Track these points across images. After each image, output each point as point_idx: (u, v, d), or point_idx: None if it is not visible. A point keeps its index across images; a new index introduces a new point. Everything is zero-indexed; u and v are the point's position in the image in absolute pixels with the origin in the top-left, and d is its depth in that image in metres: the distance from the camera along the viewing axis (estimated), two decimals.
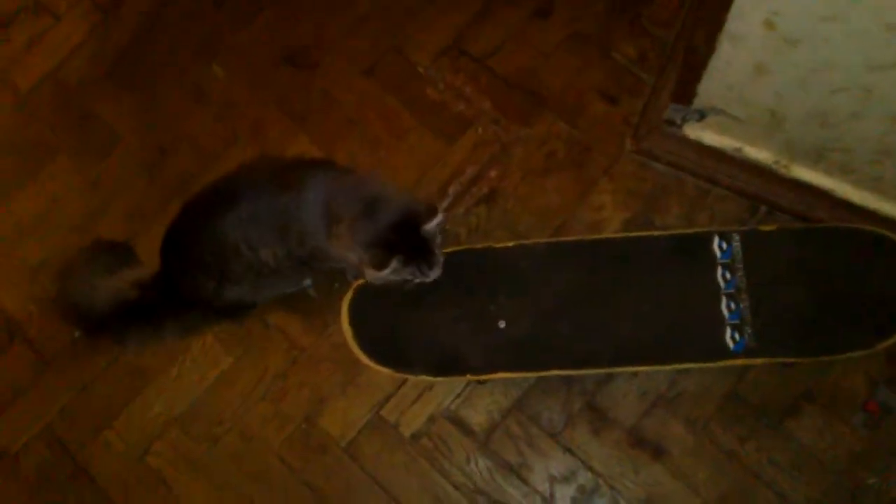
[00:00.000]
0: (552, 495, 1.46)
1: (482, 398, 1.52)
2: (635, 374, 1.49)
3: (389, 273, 1.23)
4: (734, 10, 1.17)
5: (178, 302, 1.47)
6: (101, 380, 1.62)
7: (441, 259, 1.30)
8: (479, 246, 1.50)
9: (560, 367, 1.43)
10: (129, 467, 1.56)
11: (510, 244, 1.48)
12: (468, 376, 1.44)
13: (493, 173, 1.66)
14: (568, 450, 1.48)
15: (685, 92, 1.47)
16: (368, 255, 1.23)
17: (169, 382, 1.60)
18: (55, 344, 1.65)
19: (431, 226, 1.25)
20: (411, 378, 1.50)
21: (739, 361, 1.40)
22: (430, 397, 1.53)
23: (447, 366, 1.45)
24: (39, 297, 1.68)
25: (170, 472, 1.56)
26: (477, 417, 1.52)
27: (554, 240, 1.52)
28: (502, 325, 1.45)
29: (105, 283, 1.49)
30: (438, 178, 1.67)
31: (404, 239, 1.24)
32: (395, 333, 1.47)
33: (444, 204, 1.65)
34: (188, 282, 1.40)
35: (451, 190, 1.66)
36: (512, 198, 1.64)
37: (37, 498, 1.57)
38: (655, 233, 1.50)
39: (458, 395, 1.53)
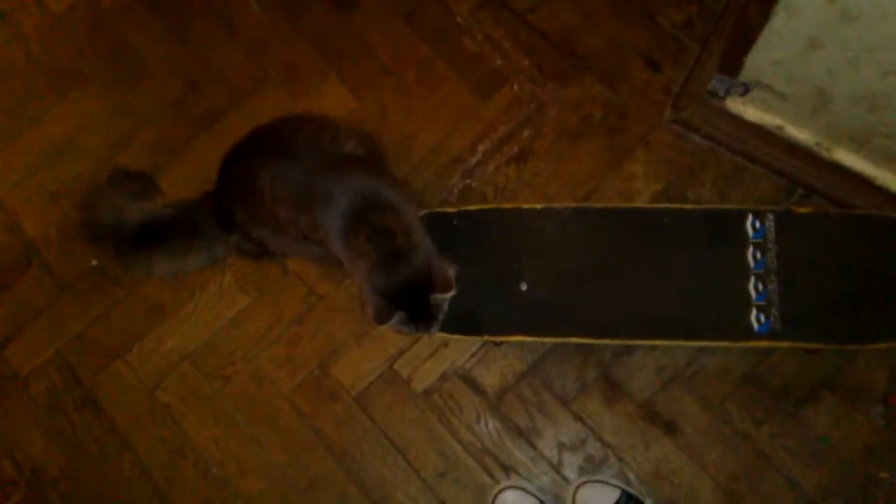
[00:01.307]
0: (560, 462, 1.45)
1: (496, 360, 1.51)
2: (654, 348, 1.47)
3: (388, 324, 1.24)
4: None
5: (211, 227, 1.45)
6: (116, 310, 1.61)
7: (440, 321, 1.29)
8: (506, 206, 1.47)
9: (579, 335, 1.40)
10: (139, 399, 1.57)
11: (538, 206, 1.45)
12: (485, 336, 1.42)
13: (525, 133, 1.62)
14: (579, 418, 1.47)
15: (732, 63, 1.42)
16: (373, 301, 1.23)
17: (184, 318, 1.60)
18: (73, 271, 1.65)
19: (442, 297, 1.24)
20: (425, 335, 1.48)
21: (763, 343, 1.37)
22: (445, 355, 1.52)
23: (464, 324, 1.43)
24: (60, 222, 1.67)
25: (179, 407, 1.56)
26: (490, 378, 1.50)
27: (582, 205, 1.49)
28: (524, 287, 1.42)
29: (133, 205, 1.48)
30: (469, 134, 1.63)
31: (413, 298, 1.23)
32: None
33: (473, 161, 1.61)
34: (227, 205, 1.39)
35: (482, 147, 1.62)
36: (543, 160, 1.60)
37: (44, 422, 1.58)
38: (687, 206, 1.47)
39: (473, 355, 1.51)
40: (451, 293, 1.25)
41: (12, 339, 1.63)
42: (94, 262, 1.63)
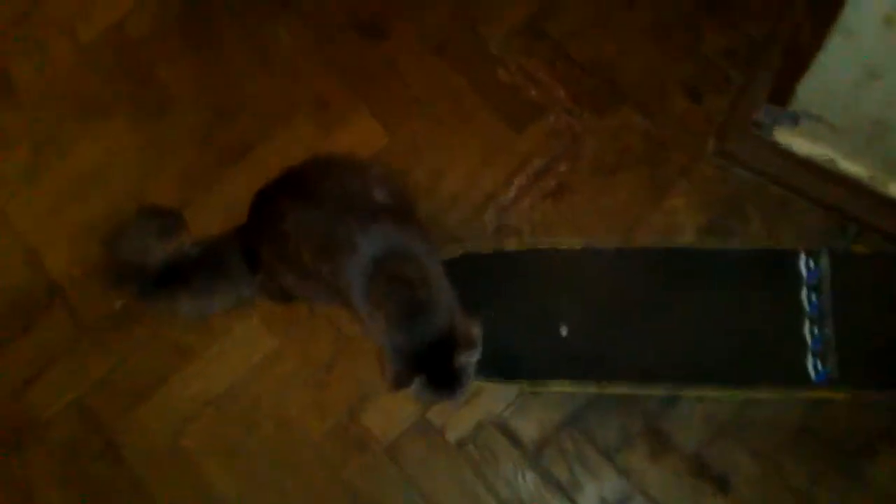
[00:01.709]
0: None
1: (534, 409, 1.43)
2: (701, 398, 1.38)
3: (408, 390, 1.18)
4: (851, 1, 1.05)
5: (238, 266, 1.41)
6: (139, 353, 1.56)
7: (467, 387, 1.22)
8: (544, 247, 1.40)
9: (622, 383, 1.33)
10: (161, 448, 1.50)
11: (577, 247, 1.39)
12: (522, 383, 1.35)
13: (562, 167, 1.55)
14: (623, 473, 1.38)
15: (782, 92, 1.35)
16: (392, 364, 1.18)
17: (209, 362, 1.54)
18: (95, 311, 1.60)
19: (465, 358, 1.17)
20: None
21: (821, 393, 1.29)
22: (480, 403, 1.44)
23: (501, 370, 1.36)
24: (84, 261, 1.62)
25: (202, 456, 1.49)
26: (528, 429, 1.42)
27: (624, 246, 1.41)
28: (564, 332, 1.35)
29: (159, 244, 1.44)
30: (503, 168, 1.57)
31: (433, 359, 1.17)
32: None
33: (508, 196, 1.55)
34: (254, 245, 1.36)
35: (517, 181, 1.56)
36: (580, 194, 1.53)
37: (62, 471, 1.52)
38: (736, 246, 1.39)
39: (510, 404, 1.43)
40: (476, 353, 1.18)
41: (32, 382, 1.58)
42: (119, 304, 1.59)
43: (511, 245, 1.45)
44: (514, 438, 1.42)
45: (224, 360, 1.54)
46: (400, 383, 1.17)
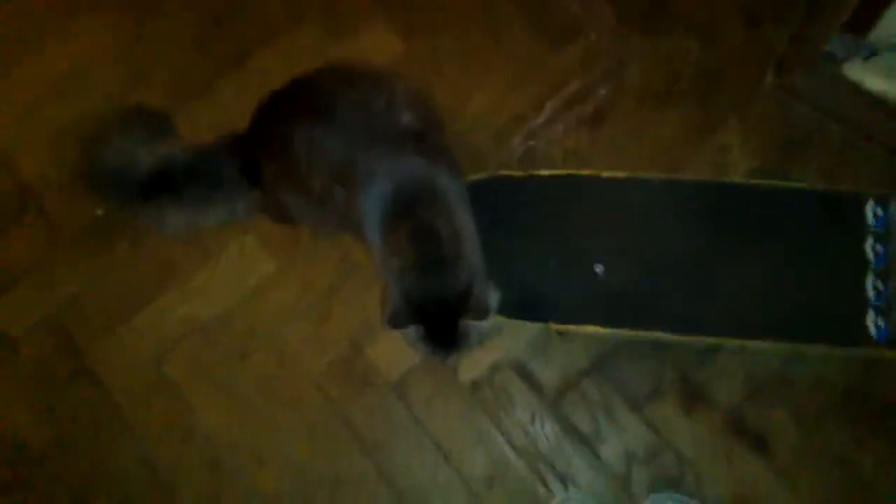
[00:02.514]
0: (627, 475, 1.25)
1: (557, 353, 1.30)
2: (743, 350, 1.26)
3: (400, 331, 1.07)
4: None
5: (234, 177, 1.26)
6: (121, 269, 1.41)
7: (464, 353, 1.11)
8: (583, 172, 1.26)
9: (660, 330, 1.20)
10: (142, 373, 1.35)
11: (620, 175, 1.24)
12: (550, 324, 1.21)
13: (602, 91, 1.41)
14: (652, 426, 1.26)
15: (863, 19, 1.20)
16: (394, 304, 1.07)
17: (198, 283, 1.39)
18: (73, 221, 1.44)
19: (473, 325, 1.05)
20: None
21: (879, 353, 1.17)
22: (498, 342, 1.30)
23: (524, 308, 1.23)
24: (61, 165, 1.45)
25: (187, 385, 1.35)
26: (549, 374, 1.29)
27: (673, 177, 1.26)
28: (599, 269, 1.22)
29: (146, 148, 1.28)
30: (535, 88, 1.42)
31: (439, 316, 1.04)
32: None
33: (539, 119, 1.39)
34: (255, 158, 1.21)
35: (550, 104, 1.41)
36: (622, 123, 1.39)
37: (32, 391, 1.37)
38: (797, 185, 1.25)
39: (531, 346, 1.30)
40: (486, 324, 1.06)
41: (1, 294, 1.42)
42: (99, 212, 1.42)
43: (544, 170, 1.30)
44: (533, 383, 1.29)
45: (215, 282, 1.39)
46: (396, 323, 1.05)
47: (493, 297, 1.08)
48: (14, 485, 1.32)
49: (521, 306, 1.22)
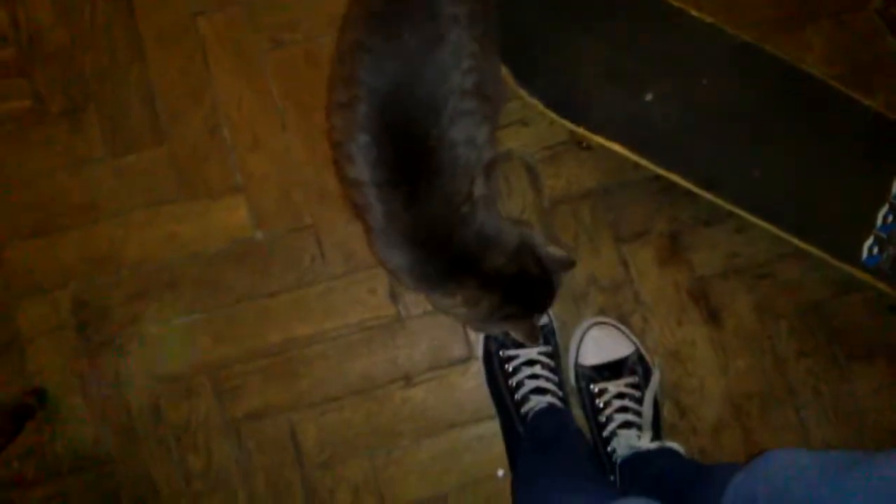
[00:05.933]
0: (584, 294, 1.28)
1: (569, 165, 1.31)
2: (739, 231, 1.28)
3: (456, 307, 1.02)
4: None
5: None
6: None
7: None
8: (674, 1, 1.24)
9: (680, 174, 1.20)
10: (176, 17, 1.33)
11: (707, 19, 1.22)
12: (581, 128, 1.21)
13: None
14: (624, 262, 1.29)
15: None
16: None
17: None
18: None
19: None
20: (523, 96, 1.24)
21: (861, 275, 1.20)
22: (517, 132, 1.31)
23: (564, 104, 1.22)
24: None
25: (215, 46, 1.33)
26: (553, 180, 1.30)
27: (753, 42, 1.25)
28: (649, 97, 1.21)
29: None
30: None
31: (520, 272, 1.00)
32: (528, 42, 1.23)
33: None
34: None
35: None
36: None
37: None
38: (864, 101, 1.24)
39: (548, 147, 1.31)
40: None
41: None
42: None
43: None
44: (535, 183, 1.30)
45: None
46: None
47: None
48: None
49: (560, 101, 1.21)
